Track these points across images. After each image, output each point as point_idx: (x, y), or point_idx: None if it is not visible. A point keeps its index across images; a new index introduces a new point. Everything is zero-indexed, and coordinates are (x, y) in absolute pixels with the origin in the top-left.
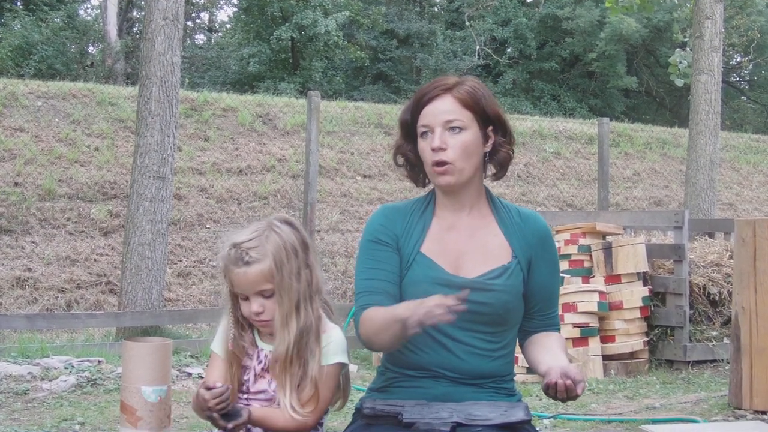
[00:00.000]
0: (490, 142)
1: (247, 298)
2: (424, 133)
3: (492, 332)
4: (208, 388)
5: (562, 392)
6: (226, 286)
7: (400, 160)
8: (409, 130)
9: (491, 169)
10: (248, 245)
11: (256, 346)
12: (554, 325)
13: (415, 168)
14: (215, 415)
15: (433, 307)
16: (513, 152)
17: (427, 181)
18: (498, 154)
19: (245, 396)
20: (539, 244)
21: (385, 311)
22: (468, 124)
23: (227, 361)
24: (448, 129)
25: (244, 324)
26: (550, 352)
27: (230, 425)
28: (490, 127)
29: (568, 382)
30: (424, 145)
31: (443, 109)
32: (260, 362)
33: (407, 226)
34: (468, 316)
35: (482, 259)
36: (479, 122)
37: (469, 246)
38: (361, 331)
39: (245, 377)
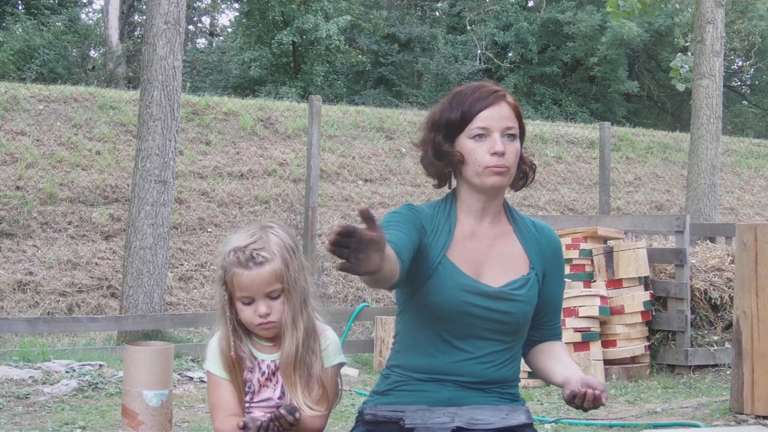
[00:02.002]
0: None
1: (251, 303)
2: (479, 136)
3: (507, 341)
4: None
5: (590, 401)
6: (223, 295)
7: (434, 159)
8: (453, 130)
9: (519, 178)
10: (255, 246)
11: (255, 358)
12: (558, 335)
13: (455, 163)
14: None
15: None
16: (534, 165)
17: (450, 181)
18: (524, 163)
19: (248, 405)
20: (554, 257)
21: None
22: (518, 132)
23: (229, 374)
24: (506, 135)
25: (239, 334)
26: (562, 361)
27: (297, 415)
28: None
29: (597, 392)
30: (476, 147)
31: (504, 115)
32: (263, 373)
33: (435, 226)
34: (491, 326)
35: (502, 269)
36: (520, 132)
37: (489, 255)
38: None
39: (247, 390)
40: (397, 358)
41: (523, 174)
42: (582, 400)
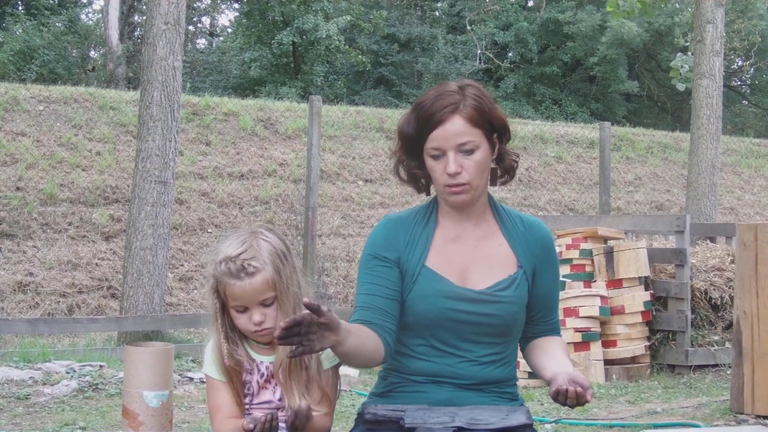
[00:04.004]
0: (496, 149)
1: (245, 311)
2: (435, 156)
3: (498, 342)
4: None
5: (572, 399)
6: (215, 303)
7: (403, 173)
8: (413, 146)
9: (500, 175)
10: (246, 256)
11: (253, 360)
12: (555, 330)
13: (419, 179)
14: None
15: None
16: (518, 156)
17: (430, 188)
18: (504, 161)
19: (248, 407)
20: (543, 253)
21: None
22: (479, 142)
23: (227, 377)
24: (461, 151)
25: (235, 338)
26: (554, 357)
27: (302, 408)
28: (495, 135)
29: (579, 389)
30: (435, 166)
31: (454, 132)
32: (262, 375)
33: (410, 238)
34: (476, 329)
35: (488, 270)
36: (487, 135)
37: (474, 257)
38: None
39: (247, 392)
40: (393, 363)
41: (505, 170)
42: (565, 398)
